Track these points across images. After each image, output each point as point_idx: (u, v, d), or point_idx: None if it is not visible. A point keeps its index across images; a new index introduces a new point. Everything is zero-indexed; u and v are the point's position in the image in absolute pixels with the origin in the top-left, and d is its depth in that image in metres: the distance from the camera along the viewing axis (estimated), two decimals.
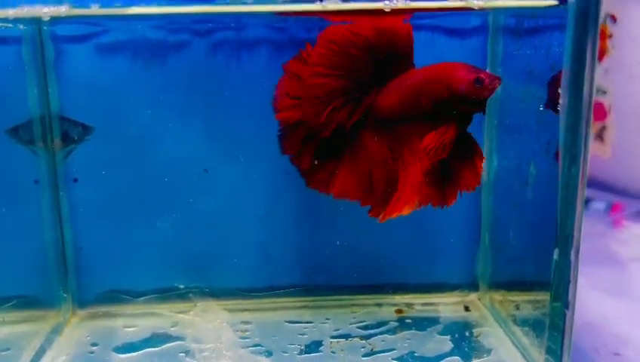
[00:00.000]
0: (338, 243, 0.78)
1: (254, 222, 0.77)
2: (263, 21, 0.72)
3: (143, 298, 0.78)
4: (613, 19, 1.23)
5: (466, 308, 0.78)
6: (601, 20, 0.55)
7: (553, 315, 0.61)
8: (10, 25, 0.61)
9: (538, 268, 0.66)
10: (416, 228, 0.78)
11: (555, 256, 0.59)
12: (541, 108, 0.63)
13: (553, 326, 0.61)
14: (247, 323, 0.75)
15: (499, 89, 0.73)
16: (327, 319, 0.75)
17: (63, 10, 0.52)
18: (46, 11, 0.52)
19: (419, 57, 0.73)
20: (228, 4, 0.59)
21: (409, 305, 0.78)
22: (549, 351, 0.62)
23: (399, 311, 0.77)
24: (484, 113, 0.63)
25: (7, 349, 0.63)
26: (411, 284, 0.80)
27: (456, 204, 0.78)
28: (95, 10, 0.53)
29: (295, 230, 0.78)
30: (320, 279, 0.79)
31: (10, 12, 0.52)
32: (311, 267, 0.79)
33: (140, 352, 0.69)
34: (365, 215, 0.78)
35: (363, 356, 0.67)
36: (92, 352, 0.70)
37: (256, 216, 0.77)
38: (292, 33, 0.73)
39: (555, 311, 0.61)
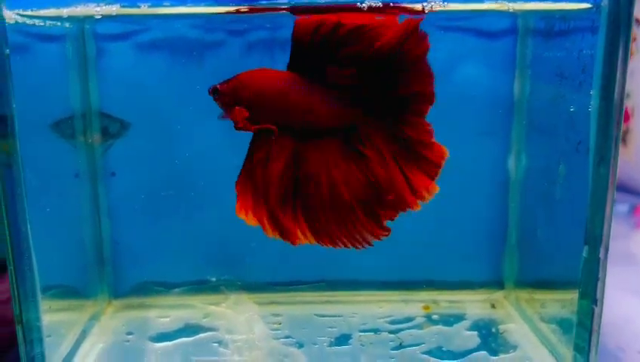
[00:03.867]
0: None
1: None
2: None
3: (176, 289, 0.80)
4: (638, 22, 1.23)
5: (492, 306, 0.79)
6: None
7: (581, 313, 0.62)
8: (59, 23, 0.63)
9: (565, 266, 0.67)
10: (443, 226, 0.79)
11: (585, 254, 0.60)
12: (572, 109, 0.64)
13: (581, 324, 0.62)
14: (277, 315, 0.76)
15: (526, 89, 0.75)
16: (354, 313, 0.77)
17: (113, 9, 0.54)
18: (98, 10, 0.54)
19: (448, 57, 0.75)
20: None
21: (435, 302, 0.80)
22: (576, 348, 0.63)
23: (426, 308, 0.78)
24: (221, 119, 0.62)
25: (49, 336, 0.66)
26: (437, 281, 0.81)
27: (483, 203, 0.80)
28: (144, 9, 0.55)
29: None
30: (347, 274, 0.81)
31: (64, 11, 0.55)
32: (339, 262, 0.80)
33: (174, 342, 0.71)
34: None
35: (392, 349, 0.69)
36: (128, 341, 0.72)
37: None
38: None
39: (583, 309, 0.62)
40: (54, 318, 0.70)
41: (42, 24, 0.60)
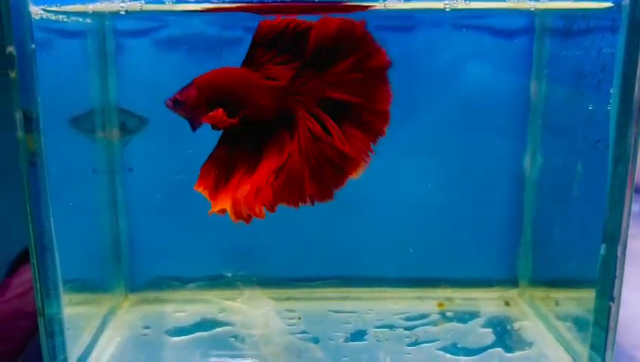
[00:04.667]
0: (380, 235, 0.80)
1: (299, 214, 0.79)
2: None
3: (191, 284, 0.80)
4: None
5: (507, 304, 0.79)
6: None
7: (598, 311, 0.63)
8: (80, 19, 0.63)
9: (581, 264, 0.67)
10: (458, 223, 0.80)
11: (602, 252, 0.60)
12: (590, 108, 0.64)
13: (597, 322, 0.63)
14: (292, 311, 0.77)
15: (542, 88, 0.76)
16: (370, 310, 0.78)
17: (137, 5, 0.54)
18: (122, 6, 0.55)
19: (463, 56, 0.75)
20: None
21: (450, 299, 0.80)
22: (592, 346, 0.63)
23: (441, 305, 0.78)
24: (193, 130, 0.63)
25: (68, 329, 0.66)
26: (452, 279, 0.81)
27: (498, 201, 0.81)
28: (168, 6, 0.55)
29: (339, 222, 0.80)
30: (362, 271, 0.81)
31: (90, 7, 0.55)
32: (354, 259, 0.81)
33: (191, 336, 0.72)
34: (406, 209, 0.80)
35: (408, 345, 0.69)
36: (145, 335, 0.73)
37: (301, 208, 0.79)
38: None
39: (600, 307, 0.62)
40: (72, 311, 0.71)
41: (66, 20, 0.60)
